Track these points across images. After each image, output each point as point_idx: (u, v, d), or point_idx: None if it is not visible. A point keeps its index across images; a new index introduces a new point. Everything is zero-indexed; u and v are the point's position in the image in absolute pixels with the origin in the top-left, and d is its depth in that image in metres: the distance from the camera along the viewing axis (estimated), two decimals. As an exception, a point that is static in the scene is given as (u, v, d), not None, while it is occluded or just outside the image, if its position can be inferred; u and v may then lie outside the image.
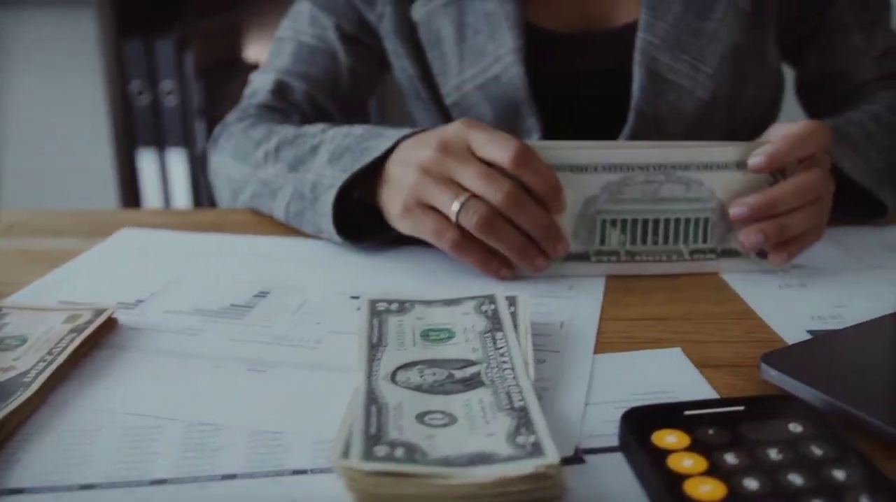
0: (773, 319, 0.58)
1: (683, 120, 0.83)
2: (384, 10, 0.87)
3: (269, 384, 0.50)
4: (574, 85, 0.87)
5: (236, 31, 1.94)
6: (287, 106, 0.90)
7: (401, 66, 0.90)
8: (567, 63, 0.88)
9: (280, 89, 0.90)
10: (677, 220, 0.64)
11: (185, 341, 0.55)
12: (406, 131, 0.68)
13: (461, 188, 0.61)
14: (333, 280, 0.64)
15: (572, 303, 0.60)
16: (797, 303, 0.60)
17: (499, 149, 0.60)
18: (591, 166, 0.62)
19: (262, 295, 0.62)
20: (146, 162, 1.88)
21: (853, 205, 0.74)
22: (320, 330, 0.56)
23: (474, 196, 0.60)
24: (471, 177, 0.60)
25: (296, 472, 0.41)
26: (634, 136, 0.82)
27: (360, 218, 0.71)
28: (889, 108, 0.84)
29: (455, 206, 0.60)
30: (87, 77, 2.00)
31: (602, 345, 0.54)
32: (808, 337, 0.55)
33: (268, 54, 0.95)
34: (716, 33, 0.83)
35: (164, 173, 1.90)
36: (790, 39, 0.93)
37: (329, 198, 0.68)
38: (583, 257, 0.65)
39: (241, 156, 0.81)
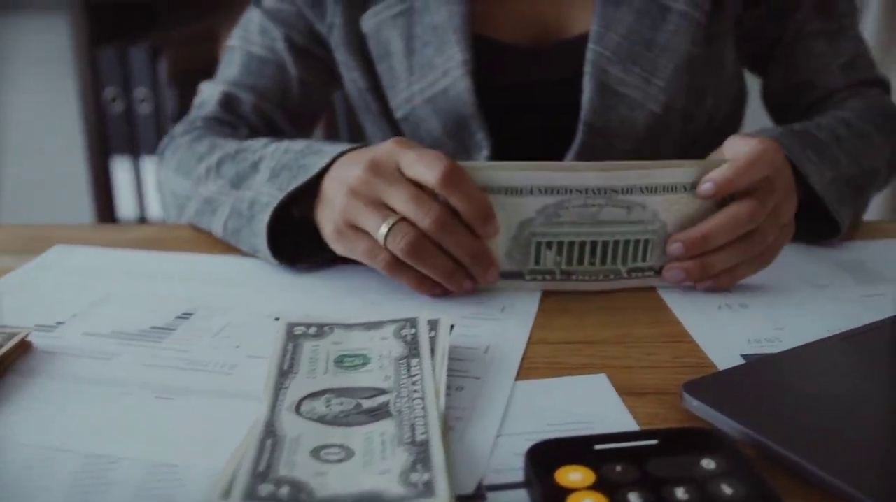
0: (707, 343, 0.56)
1: (635, 132, 0.82)
2: (334, 20, 0.86)
3: (175, 413, 0.48)
4: (526, 97, 0.86)
5: (210, 38, 1.93)
6: (235, 118, 0.88)
7: (351, 78, 0.88)
8: (519, 75, 0.86)
9: (228, 101, 0.88)
10: (616, 242, 0.62)
11: (97, 366, 0.53)
12: (343, 147, 0.66)
13: (390, 210, 0.59)
14: (261, 301, 0.63)
15: (501, 326, 0.58)
16: (735, 325, 0.59)
17: (426, 169, 0.58)
18: (526, 188, 0.60)
19: (186, 316, 0.60)
20: (120, 169, 1.87)
21: (807, 221, 0.72)
22: (238, 354, 0.54)
23: (403, 219, 0.58)
24: (399, 200, 0.58)
25: (184, 509, 0.40)
26: (584, 149, 0.81)
27: (301, 235, 0.69)
28: (859, 115, 0.82)
29: (383, 230, 0.59)
30: (61, 84, 1.99)
31: (525, 371, 0.52)
32: (741, 362, 0.53)
33: (219, 64, 0.93)
34: (669, 45, 0.81)
35: (139, 180, 1.88)
36: (753, 48, 0.91)
37: (264, 217, 0.66)
38: (517, 275, 0.63)
39: (185, 170, 0.79)
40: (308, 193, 0.66)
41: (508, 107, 0.83)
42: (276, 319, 0.59)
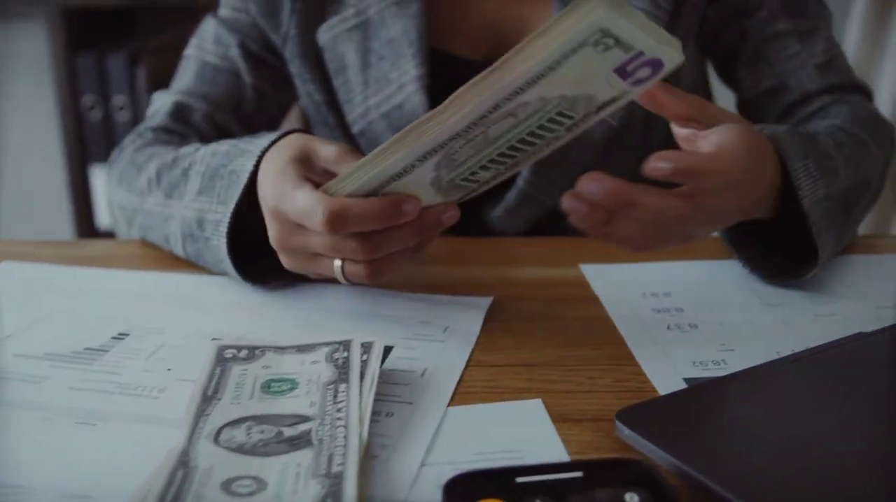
0: (650, 366, 0.55)
1: (592, 146, 0.80)
2: (289, 31, 0.84)
3: (94, 440, 0.47)
4: None
5: (188, 45, 1.92)
6: (185, 128, 0.86)
7: (307, 91, 0.87)
8: None
9: (179, 111, 0.86)
10: (532, 132, 0.53)
11: (25, 390, 0.52)
12: (264, 142, 0.63)
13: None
14: (201, 320, 0.61)
15: (442, 348, 0.57)
16: (681, 347, 0.57)
17: (310, 224, 0.55)
18: (406, 168, 0.53)
19: (122, 337, 0.59)
20: (99, 177, 1.85)
21: (780, 240, 0.67)
22: (169, 377, 0.53)
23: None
24: (322, 248, 0.57)
25: (89, 545, 0.38)
26: (538, 164, 0.79)
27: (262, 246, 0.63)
28: (852, 121, 0.76)
29: (337, 270, 0.58)
30: (39, 92, 1.97)
31: (460, 396, 0.51)
32: (683, 386, 0.52)
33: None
34: None
35: (118, 189, 1.87)
36: (718, 50, 0.89)
37: (221, 243, 0.64)
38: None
39: (127, 182, 0.78)
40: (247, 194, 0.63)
41: None
42: (215, 339, 0.58)
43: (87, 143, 1.85)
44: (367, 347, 0.52)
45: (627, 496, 0.39)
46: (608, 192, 0.51)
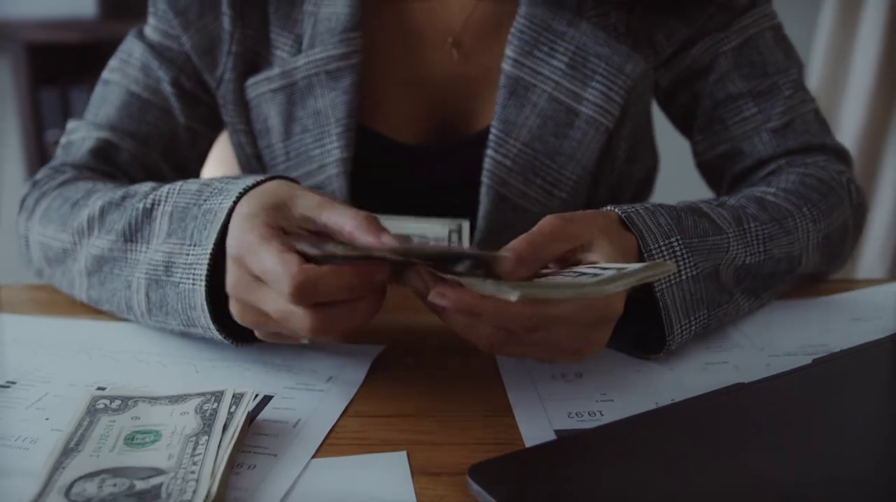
0: (525, 418, 0.55)
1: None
2: (224, 74, 0.80)
3: (-48, 493, 0.47)
4: (411, 200, 0.79)
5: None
6: (112, 169, 0.79)
7: (237, 141, 0.83)
8: (405, 176, 0.81)
9: (104, 150, 0.79)
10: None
11: None
12: (246, 184, 0.59)
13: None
14: (90, 369, 0.61)
15: (321, 398, 0.57)
16: (561, 397, 0.58)
17: (275, 287, 0.51)
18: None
19: (8, 385, 0.59)
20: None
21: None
22: (44, 427, 0.54)
23: None
24: (274, 313, 0.53)
25: None
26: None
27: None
28: (786, 191, 0.72)
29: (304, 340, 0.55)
30: (3, 126, 1.99)
31: (327, 448, 0.52)
32: (553, 438, 0.53)
33: (91, 97, 0.85)
34: (574, 156, 0.76)
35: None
36: (673, 114, 0.87)
37: (197, 288, 0.58)
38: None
39: (56, 220, 0.70)
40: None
41: (390, 209, 0.76)
42: (100, 388, 0.58)
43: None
44: (237, 398, 0.52)
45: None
46: (454, 306, 0.49)
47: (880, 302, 0.75)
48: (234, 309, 0.56)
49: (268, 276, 0.51)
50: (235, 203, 0.58)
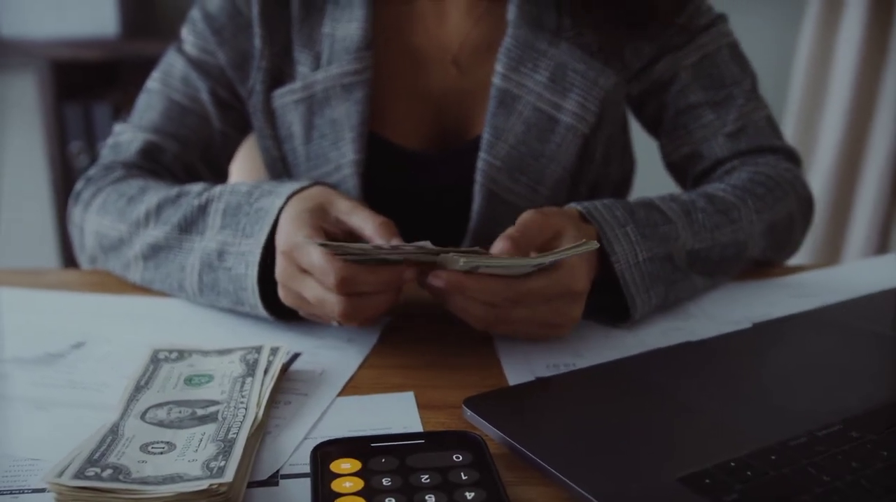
0: (511, 367, 0.66)
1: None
2: (254, 86, 0.90)
3: (46, 420, 0.58)
4: (414, 201, 0.90)
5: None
6: (157, 167, 0.90)
7: (265, 145, 0.94)
8: (408, 179, 0.92)
9: (150, 150, 0.90)
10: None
11: (-6, 385, 0.64)
12: (293, 188, 0.72)
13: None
14: (144, 333, 0.73)
15: (341, 354, 0.68)
16: (542, 353, 0.69)
17: (320, 279, 0.63)
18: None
19: (79, 345, 0.70)
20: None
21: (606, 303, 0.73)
22: (113, 376, 0.65)
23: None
24: (312, 298, 0.65)
25: (35, 491, 0.50)
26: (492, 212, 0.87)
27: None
28: (735, 186, 0.83)
29: (333, 323, 0.68)
30: (27, 139, 2.10)
31: (349, 389, 0.63)
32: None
33: (135, 104, 0.95)
34: (554, 157, 0.87)
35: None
36: (643, 121, 0.98)
37: (252, 272, 0.70)
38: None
39: (114, 211, 0.81)
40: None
41: (396, 209, 0.83)
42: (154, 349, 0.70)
43: (73, 189, 1.97)
44: (274, 351, 0.64)
45: (454, 456, 0.51)
46: (447, 285, 0.62)
47: (822, 282, 0.87)
48: (281, 292, 0.68)
49: (315, 270, 0.63)
50: (285, 204, 0.70)
